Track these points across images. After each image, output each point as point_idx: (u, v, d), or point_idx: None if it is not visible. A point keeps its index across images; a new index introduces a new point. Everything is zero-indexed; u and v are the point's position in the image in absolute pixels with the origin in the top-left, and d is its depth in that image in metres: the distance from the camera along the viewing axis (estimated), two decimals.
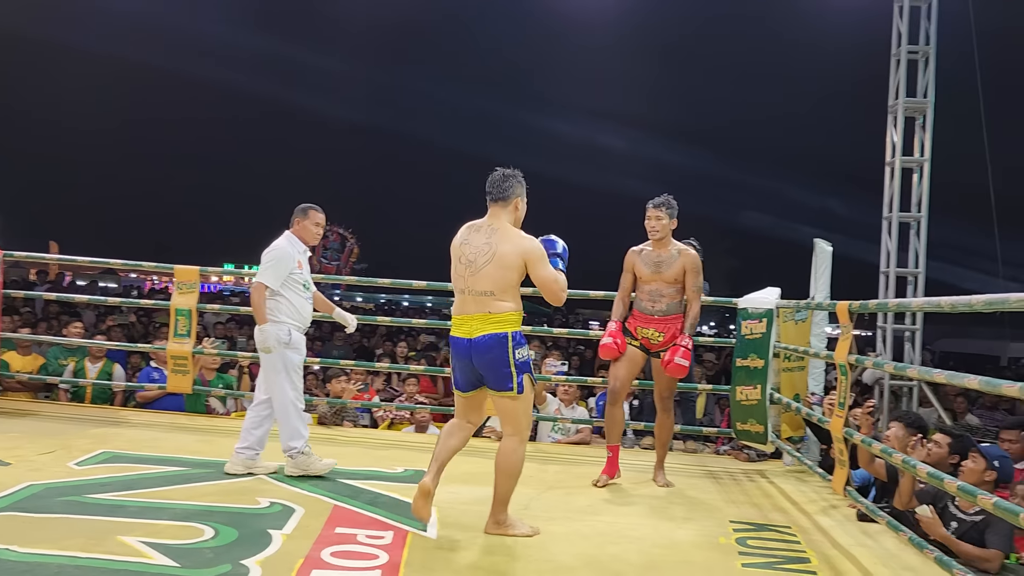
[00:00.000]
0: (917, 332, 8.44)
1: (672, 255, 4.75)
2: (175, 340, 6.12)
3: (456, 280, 3.59)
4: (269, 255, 4.41)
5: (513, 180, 3.64)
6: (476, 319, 3.51)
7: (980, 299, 2.97)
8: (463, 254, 3.56)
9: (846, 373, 4.38)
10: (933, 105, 8.46)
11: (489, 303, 3.50)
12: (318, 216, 4.61)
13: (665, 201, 4.73)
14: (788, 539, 3.83)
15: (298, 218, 4.58)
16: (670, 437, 5.06)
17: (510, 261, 3.49)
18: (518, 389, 3.52)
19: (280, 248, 4.45)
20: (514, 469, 3.59)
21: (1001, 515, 2.78)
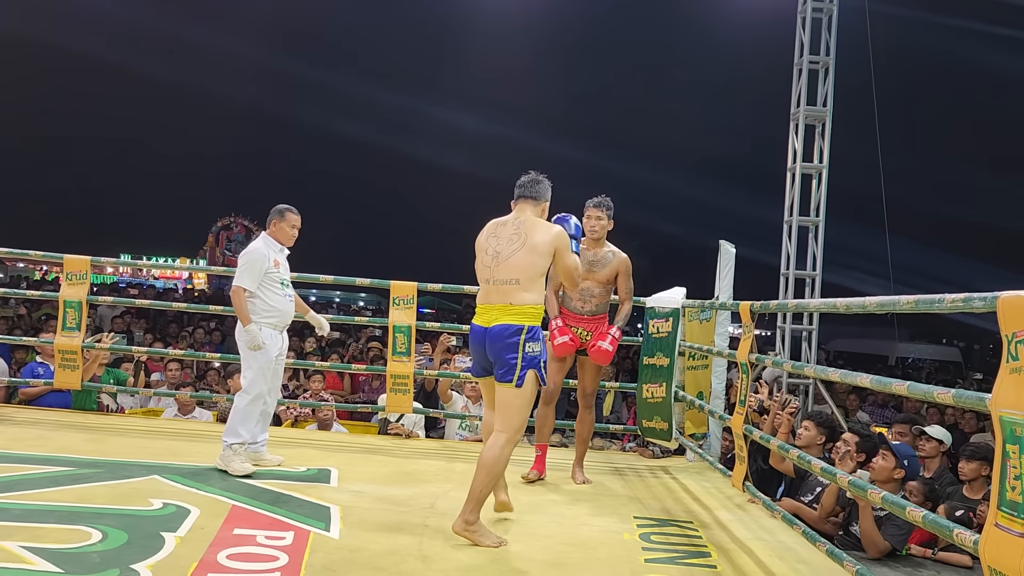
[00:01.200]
0: (813, 332, 8.77)
1: (607, 256, 4.79)
2: (64, 334, 5.81)
3: (481, 271, 3.63)
4: (244, 257, 4.49)
5: (545, 183, 3.75)
6: (496, 309, 3.54)
7: (873, 301, 3.08)
8: (489, 246, 3.62)
9: (747, 371, 4.50)
10: (832, 114, 8.81)
11: (512, 293, 3.51)
12: (294, 218, 4.65)
13: (604, 201, 4.77)
14: (690, 534, 3.90)
15: (275, 219, 4.64)
16: (591, 434, 5.09)
17: (542, 248, 3.54)
18: (518, 382, 3.49)
19: (254, 250, 4.51)
20: (497, 467, 3.50)
21: (889, 508, 2.90)
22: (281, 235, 4.64)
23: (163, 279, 28.75)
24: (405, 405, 5.88)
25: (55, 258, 6.08)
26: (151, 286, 21.69)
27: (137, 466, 4.33)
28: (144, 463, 4.41)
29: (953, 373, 17.53)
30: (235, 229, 31.47)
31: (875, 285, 14.60)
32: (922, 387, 2.68)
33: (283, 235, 4.64)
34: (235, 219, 31.38)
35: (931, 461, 5.00)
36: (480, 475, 3.46)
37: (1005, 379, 2.14)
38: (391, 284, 5.88)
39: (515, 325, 3.50)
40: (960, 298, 2.47)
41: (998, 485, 2.13)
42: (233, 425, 4.40)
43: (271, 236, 4.63)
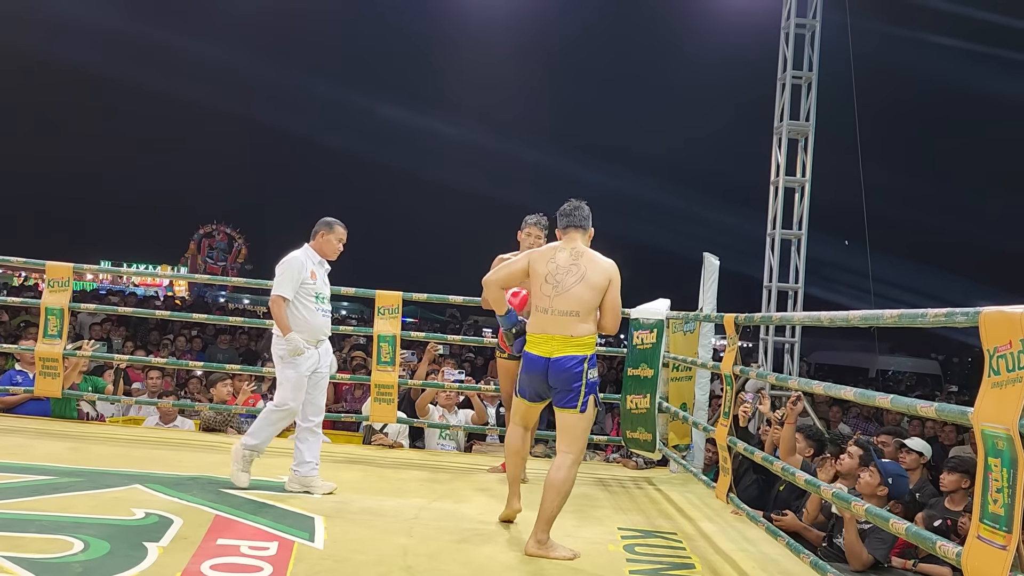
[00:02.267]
0: (796, 344, 8.83)
1: None
2: (44, 341, 5.75)
3: (539, 299, 3.67)
4: (282, 266, 4.35)
5: (587, 210, 3.83)
6: (557, 340, 3.61)
7: (857, 315, 3.12)
8: (548, 273, 3.65)
9: (731, 383, 4.53)
10: (815, 128, 8.90)
11: (572, 325, 3.60)
12: (342, 232, 4.52)
13: (542, 220, 4.87)
14: (674, 545, 3.91)
15: (322, 231, 4.48)
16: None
17: (598, 282, 3.63)
18: (582, 408, 3.61)
19: (293, 258, 4.37)
20: (565, 487, 3.59)
21: (873, 520, 2.92)
22: (327, 248, 4.47)
23: (143, 286, 28.54)
24: (389, 415, 5.87)
25: (37, 265, 6.03)
26: (132, 293, 21.53)
27: (119, 475, 4.29)
28: (126, 472, 4.36)
29: (932, 386, 17.69)
30: (217, 237, 31.34)
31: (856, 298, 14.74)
32: (905, 400, 2.71)
33: (329, 248, 4.48)
34: (217, 227, 31.25)
35: (912, 473, 5.04)
36: (551, 495, 3.56)
37: (987, 393, 2.17)
38: (376, 294, 5.88)
39: (578, 356, 3.61)
40: (942, 313, 2.50)
41: (980, 498, 2.16)
42: (256, 428, 4.35)
43: (314, 248, 4.46)
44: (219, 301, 26.27)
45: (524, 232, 4.85)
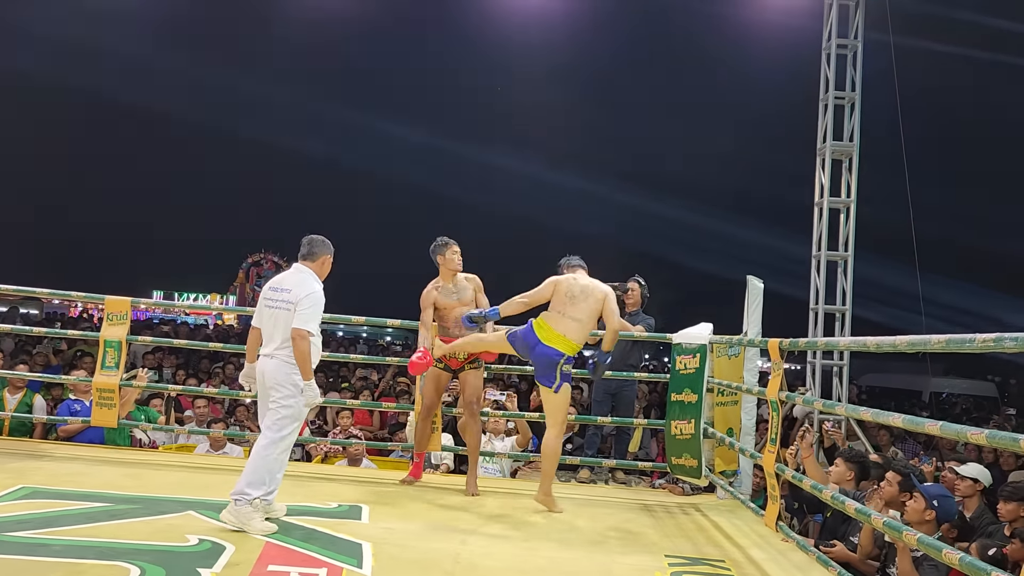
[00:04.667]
0: (844, 367, 8.69)
1: (463, 283, 5.40)
2: (103, 372, 5.91)
3: (557, 304, 4.86)
4: (311, 299, 4.17)
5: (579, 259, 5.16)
6: (555, 335, 4.80)
7: (903, 340, 3.09)
8: (567, 291, 4.86)
9: (777, 409, 4.48)
10: (859, 149, 8.81)
11: (574, 331, 4.82)
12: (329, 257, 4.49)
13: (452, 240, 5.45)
14: (722, 572, 3.87)
15: (325, 254, 4.41)
16: (479, 442, 5.51)
17: (597, 297, 4.89)
18: (556, 388, 4.82)
19: (319, 291, 4.25)
20: (554, 454, 4.93)
21: (925, 550, 2.87)
22: (326, 271, 4.43)
23: (193, 315, 29.10)
24: (435, 443, 5.89)
25: (96, 299, 6.22)
26: (183, 322, 21.97)
27: (173, 502, 4.39)
28: (180, 499, 4.46)
29: (988, 409, 17.20)
30: (265, 265, 31.83)
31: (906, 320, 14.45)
32: (955, 427, 2.67)
33: (327, 271, 4.44)
34: (265, 255, 31.77)
35: (969, 501, 4.90)
36: (546, 462, 4.93)
37: None
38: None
39: (561, 353, 4.80)
40: (991, 338, 2.47)
41: None
42: (260, 474, 4.00)
43: (316, 271, 4.35)
44: None
45: (450, 252, 5.35)
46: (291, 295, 4.18)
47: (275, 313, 4.20)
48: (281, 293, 4.23)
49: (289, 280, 4.28)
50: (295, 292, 4.18)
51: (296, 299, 4.15)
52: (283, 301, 4.19)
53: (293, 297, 4.16)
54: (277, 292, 4.25)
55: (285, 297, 4.19)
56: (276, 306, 4.21)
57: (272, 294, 4.26)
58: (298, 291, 4.18)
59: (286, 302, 4.18)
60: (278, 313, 4.19)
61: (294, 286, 4.21)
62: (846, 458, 4.77)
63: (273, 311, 4.22)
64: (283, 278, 4.34)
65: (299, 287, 4.20)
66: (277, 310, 4.20)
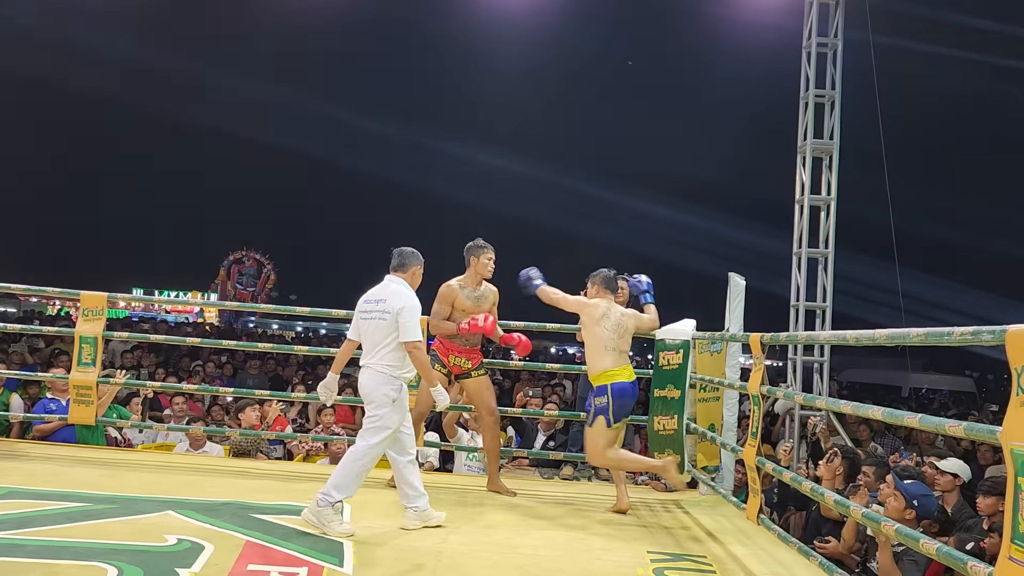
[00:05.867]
0: (825, 363, 8.74)
1: (487, 291, 5.27)
2: (79, 369, 5.85)
3: (608, 341, 4.85)
4: (409, 311, 4.23)
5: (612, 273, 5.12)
6: (627, 368, 4.90)
7: (883, 333, 3.10)
8: (615, 324, 4.88)
9: (759, 403, 4.50)
10: (839, 146, 8.86)
11: (626, 358, 4.95)
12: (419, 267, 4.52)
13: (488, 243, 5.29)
14: (704, 568, 3.88)
15: (416, 265, 4.46)
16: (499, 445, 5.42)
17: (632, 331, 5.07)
18: None
19: (416, 301, 4.31)
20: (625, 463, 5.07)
21: (902, 540, 2.89)
22: (418, 281, 4.47)
23: (174, 312, 28.90)
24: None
25: (72, 295, 6.15)
26: (163, 320, 21.79)
27: (152, 501, 4.34)
28: (158, 498, 4.41)
29: (967, 404, 17.37)
30: (246, 263, 31.67)
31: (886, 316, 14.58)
32: (934, 420, 2.69)
33: (418, 282, 4.48)
34: (246, 253, 31.59)
35: (948, 496, 4.93)
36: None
37: (1015, 412, 2.15)
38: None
39: None
40: (969, 331, 2.49)
41: (1011, 518, 2.14)
42: (348, 479, 4.07)
43: (408, 282, 4.41)
44: (248, 327, 26.53)
45: (485, 257, 5.19)
46: (386, 305, 4.25)
47: (368, 324, 4.27)
48: (377, 304, 4.29)
49: (385, 291, 4.34)
50: (390, 303, 4.24)
51: (392, 309, 4.21)
52: (379, 311, 4.26)
53: (388, 307, 4.23)
54: (371, 303, 4.32)
55: (380, 307, 4.26)
56: (372, 316, 4.28)
57: (367, 306, 4.34)
58: (393, 302, 4.24)
59: (381, 312, 4.25)
60: (372, 324, 4.26)
61: (388, 296, 4.28)
62: (841, 454, 4.79)
63: (368, 322, 4.28)
64: (377, 290, 4.38)
65: (394, 298, 4.26)
66: (372, 320, 4.27)
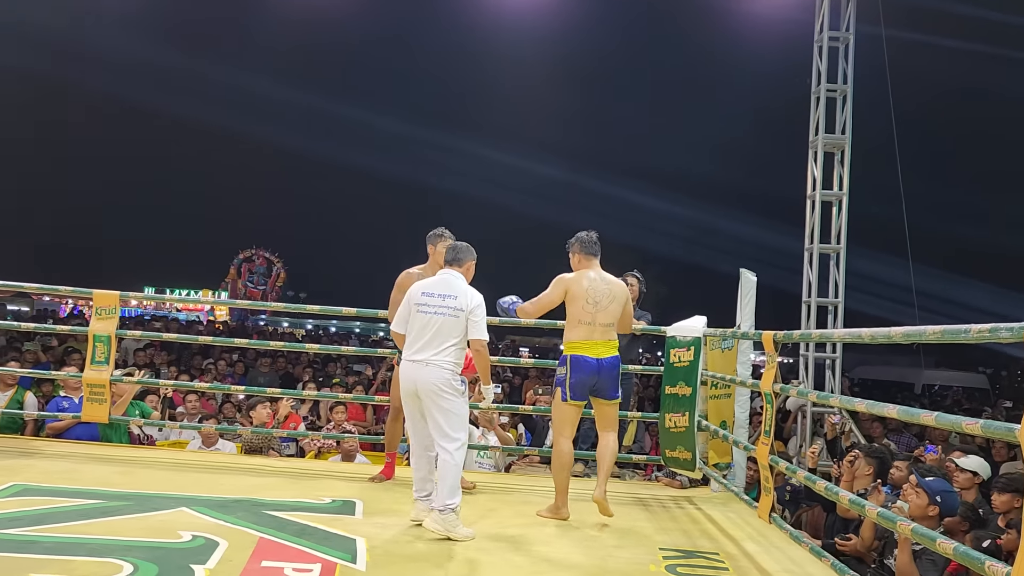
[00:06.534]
0: (837, 360, 8.71)
1: None
2: (92, 367, 5.87)
3: (582, 315, 4.55)
4: (481, 308, 4.19)
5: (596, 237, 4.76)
6: (601, 345, 4.55)
7: (899, 331, 3.08)
8: (588, 296, 4.54)
9: (771, 401, 4.48)
10: (851, 141, 8.81)
11: (610, 333, 4.60)
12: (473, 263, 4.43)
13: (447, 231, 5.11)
14: (716, 565, 3.87)
15: (471, 261, 4.38)
16: None
17: (623, 299, 4.70)
18: (619, 395, 4.68)
19: (483, 299, 4.23)
20: (616, 451, 4.74)
21: (919, 539, 2.87)
22: (472, 276, 4.36)
23: (186, 311, 28.98)
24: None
25: (85, 294, 6.18)
26: (174, 319, 21.88)
27: (166, 498, 4.36)
28: (172, 495, 4.43)
29: (980, 400, 17.28)
30: (256, 261, 31.69)
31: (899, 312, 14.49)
32: (950, 417, 2.67)
33: (472, 276, 4.37)
34: (256, 251, 31.61)
35: (966, 493, 4.90)
36: (610, 462, 4.65)
37: None
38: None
39: (617, 356, 4.63)
40: (987, 328, 2.47)
41: None
42: (455, 481, 4.06)
43: (465, 275, 4.31)
44: (259, 325, 26.60)
45: (443, 245, 4.88)
46: (458, 302, 4.15)
47: (431, 319, 4.15)
48: (444, 300, 4.17)
49: (452, 286, 4.22)
50: (462, 300, 4.15)
51: (466, 307, 4.14)
52: (448, 308, 4.15)
53: (461, 304, 4.15)
54: (435, 298, 4.19)
55: (451, 304, 4.15)
56: (437, 311, 4.15)
57: (429, 300, 4.19)
58: (466, 300, 4.16)
59: (453, 308, 4.14)
60: (437, 319, 4.14)
61: (460, 294, 4.18)
62: (865, 454, 4.76)
63: (429, 316, 4.16)
64: (441, 284, 4.25)
65: (466, 296, 4.17)
66: (437, 315, 4.14)
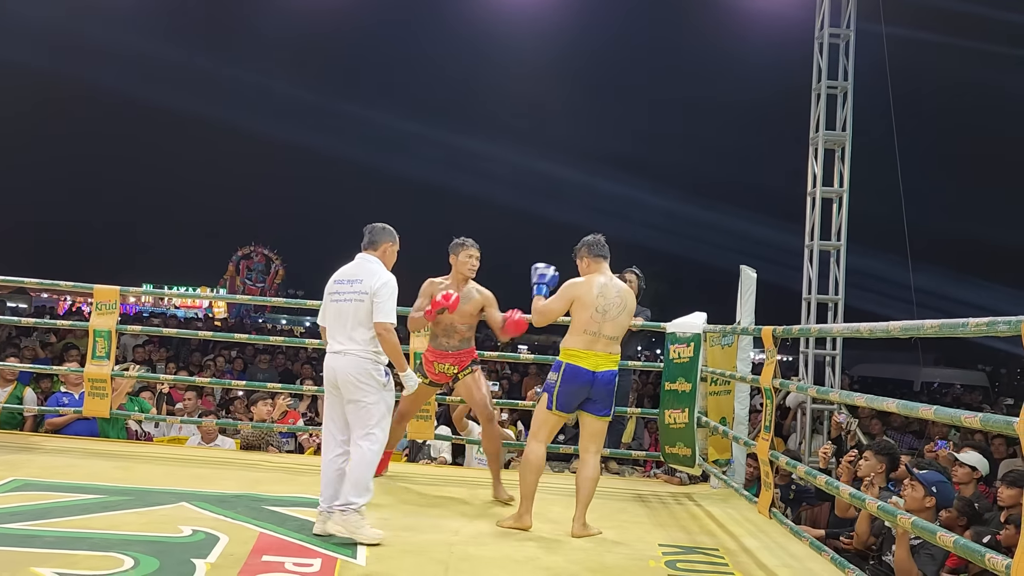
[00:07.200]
0: (837, 357, 8.71)
1: (472, 293, 4.87)
2: (93, 362, 5.88)
3: (588, 324, 4.17)
4: (388, 287, 3.89)
5: (604, 240, 4.43)
6: (601, 357, 4.18)
7: (896, 325, 3.09)
8: (598, 304, 4.18)
9: (771, 397, 4.49)
10: (851, 138, 8.81)
11: (613, 346, 4.23)
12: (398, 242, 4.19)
13: (475, 243, 4.92)
14: (716, 561, 3.88)
15: (389, 241, 4.09)
16: (499, 449, 4.98)
17: (632, 309, 4.37)
18: (610, 414, 4.29)
19: (394, 280, 3.95)
20: (599, 476, 4.32)
21: (919, 533, 2.88)
22: (392, 260, 4.13)
23: (184, 308, 28.99)
24: (427, 432, 5.90)
25: (85, 288, 6.18)
26: (173, 316, 21.88)
27: (166, 493, 4.37)
28: (172, 490, 4.45)
29: (980, 398, 17.29)
30: (255, 258, 31.67)
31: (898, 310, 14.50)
32: (949, 411, 2.68)
33: (393, 260, 4.13)
34: (255, 248, 31.58)
35: (964, 488, 4.91)
36: (591, 487, 4.21)
37: None
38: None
39: (615, 371, 4.23)
40: (984, 322, 2.47)
41: None
42: (365, 480, 3.79)
43: (381, 259, 4.05)
44: (258, 322, 26.59)
45: (464, 255, 4.83)
46: (363, 285, 3.88)
47: (342, 306, 3.91)
48: (352, 285, 3.92)
49: (357, 270, 3.97)
50: (367, 282, 3.87)
51: (370, 289, 3.85)
52: (355, 293, 3.89)
53: (366, 287, 3.87)
54: (344, 284, 3.95)
55: (358, 288, 3.89)
56: (345, 298, 3.91)
57: (338, 287, 3.96)
58: (370, 281, 3.87)
59: (359, 293, 3.87)
60: (346, 306, 3.89)
61: (365, 276, 3.91)
62: (876, 451, 4.75)
63: (339, 304, 3.92)
64: (351, 269, 4.00)
65: (371, 277, 3.89)
66: (346, 302, 3.90)
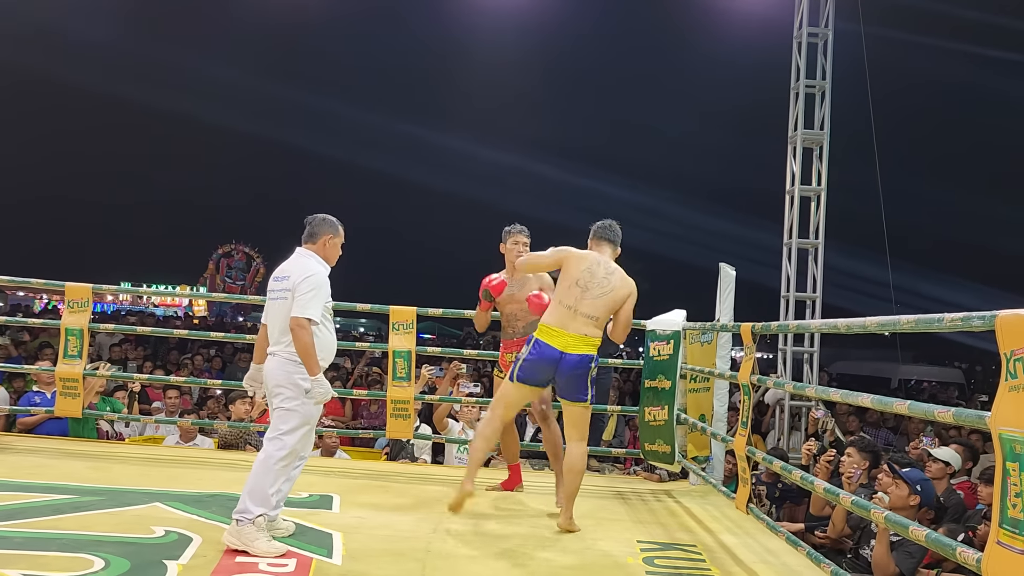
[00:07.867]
0: (815, 354, 8.76)
1: (528, 279, 4.72)
2: (65, 361, 5.80)
3: (566, 295, 4.03)
4: (309, 281, 3.59)
5: (619, 230, 4.30)
6: (573, 337, 3.99)
7: (873, 321, 3.10)
8: (581, 277, 4.03)
9: (749, 393, 4.50)
10: (829, 137, 8.86)
11: (590, 328, 4.02)
12: (342, 235, 3.89)
13: (524, 228, 4.82)
14: (694, 557, 3.88)
15: (328, 233, 3.79)
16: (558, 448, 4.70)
17: (620, 297, 4.10)
18: (591, 400, 4.09)
19: (319, 272, 3.67)
20: (583, 468, 4.17)
21: (892, 527, 2.89)
22: (333, 253, 3.82)
23: (163, 307, 28.74)
24: (406, 430, 5.88)
25: (56, 286, 6.09)
26: (151, 314, 21.67)
27: (139, 493, 4.32)
28: (145, 490, 4.39)
29: (956, 395, 17.48)
30: (235, 256, 31.48)
31: (876, 308, 14.63)
32: (922, 406, 2.69)
33: (334, 253, 3.84)
34: (235, 246, 31.40)
35: (937, 483, 4.95)
36: (574, 478, 4.10)
37: (1004, 397, 2.15)
38: (390, 309, 5.89)
39: (588, 355, 4.03)
40: (959, 317, 2.48)
41: (999, 503, 2.14)
42: (261, 489, 3.47)
43: (319, 253, 3.76)
44: (238, 320, 26.42)
45: (511, 241, 4.76)
46: (288, 282, 3.63)
47: (271, 305, 3.70)
48: (279, 282, 3.70)
49: (288, 266, 3.73)
50: (293, 278, 3.62)
51: (293, 285, 3.60)
52: (281, 290, 3.66)
53: (291, 284, 3.61)
54: (276, 281, 3.72)
55: (283, 285, 3.65)
56: (273, 297, 3.70)
57: (272, 284, 3.74)
58: (295, 276, 3.62)
59: (283, 290, 3.64)
60: (273, 305, 3.68)
61: (293, 271, 3.66)
62: (859, 448, 4.78)
63: (270, 303, 3.71)
64: (283, 266, 3.77)
65: (297, 271, 3.64)
66: (273, 301, 3.69)
